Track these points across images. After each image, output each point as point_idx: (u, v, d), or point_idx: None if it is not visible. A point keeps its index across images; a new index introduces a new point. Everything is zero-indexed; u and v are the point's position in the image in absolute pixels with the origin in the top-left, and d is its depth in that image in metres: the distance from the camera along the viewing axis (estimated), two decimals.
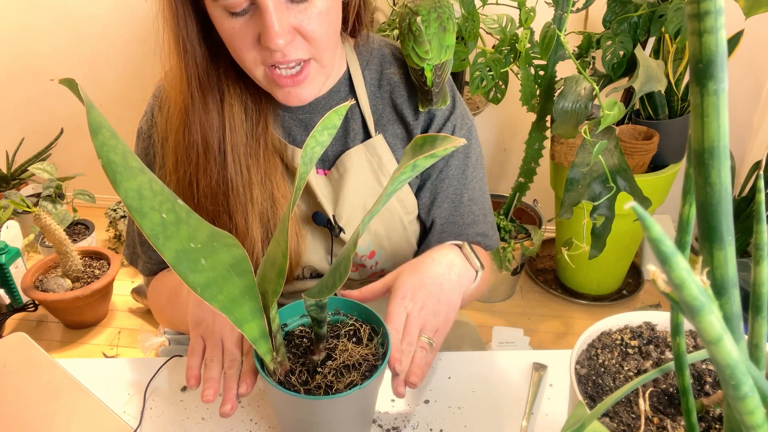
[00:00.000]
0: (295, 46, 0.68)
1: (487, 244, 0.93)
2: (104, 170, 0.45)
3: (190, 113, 0.75)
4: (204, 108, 0.75)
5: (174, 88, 0.76)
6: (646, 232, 0.21)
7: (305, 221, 0.84)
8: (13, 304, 1.94)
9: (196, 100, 0.75)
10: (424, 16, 0.79)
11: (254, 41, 0.68)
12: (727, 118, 0.25)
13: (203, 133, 0.76)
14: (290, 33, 0.67)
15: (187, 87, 0.74)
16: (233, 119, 0.76)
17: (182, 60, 0.72)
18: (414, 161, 0.47)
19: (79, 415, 0.69)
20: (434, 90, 0.81)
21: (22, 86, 2.39)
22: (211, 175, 0.77)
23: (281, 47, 0.66)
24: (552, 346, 1.88)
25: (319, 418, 0.58)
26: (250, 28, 0.67)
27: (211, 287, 0.51)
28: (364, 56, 0.84)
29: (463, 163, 0.87)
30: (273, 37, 0.65)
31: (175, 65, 0.74)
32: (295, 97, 0.73)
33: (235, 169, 0.77)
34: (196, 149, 0.76)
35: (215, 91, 0.75)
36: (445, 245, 0.77)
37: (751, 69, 1.91)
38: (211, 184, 0.77)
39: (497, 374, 0.76)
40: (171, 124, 0.78)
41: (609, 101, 1.17)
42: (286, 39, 0.66)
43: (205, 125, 0.75)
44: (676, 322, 0.37)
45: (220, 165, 0.77)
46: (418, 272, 0.71)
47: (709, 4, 0.23)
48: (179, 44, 0.71)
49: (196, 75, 0.73)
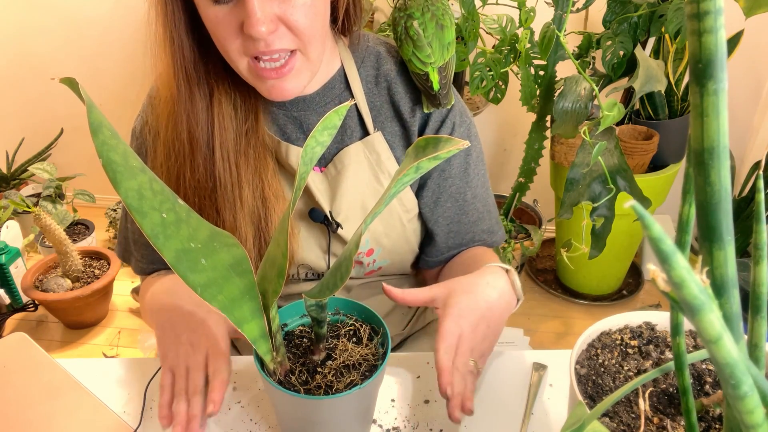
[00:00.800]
0: (279, 35, 0.68)
1: (493, 240, 0.93)
2: (105, 170, 0.45)
3: (177, 105, 0.75)
4: (191, 101, 0.75)
5: (164, 83, 0.77)
6: (646, 231, 0.21)
7: (300, 218, 0.83)
8: (13, 304, 1.94)
9: (182, 93, 0.74)
10: (419, 18, 0.78)
11: (238, 30, 0.67)
12: (726, 118, 0.25)
13: (189, 127, 0.76)
14: (273, 21, 0.67)
15: (175, 79, 0.74)
16: (222, 116, 0.76)
17: (170, 51, 0.73)
18: (417, 163, 0.47)
19: (79, 415, 0.69)
20: (442, 92, 0.80)
21: (22, 86, 2.39)
22: (197, 169, 0.77)
23: (263, 35, 0.65)
24: (552, 346, 1.88)
25: (319, 418, 0.58)
26: (233, 16, 0.67)
27: (211, 287, 0.51)
28: (359, 54, 0.84)
29: (465, 162, 0.86)
30: (255, 24, 0.64)
31: (165, 58, 0.74)
32: (278, 91, 0.72)
33: (224, 166, 0.77)
34: (182, 142, 0.76)
35: (203, 85, 0.75)
36: (494, 267, 0.75)
37: (751, 69, 1.92)
38: (197, 177, 0.77)
39: (497, 374, 0.76)
40: (161, 119, 0.78)
41: (609, 101, 1.17)
42: (269, 27, 0.66)
43: (192, 119, 0.75)
44: (675, 322, 0.37)
45: (207, 160, 0.77)
46: (473, 293, 0.69)
47: (709, 4, 0.23)
48: (168, 35, 0.72)
49: (183, 67, 0.73)
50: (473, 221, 0.89)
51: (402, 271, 0.94)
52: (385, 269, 0.90)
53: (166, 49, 0.73)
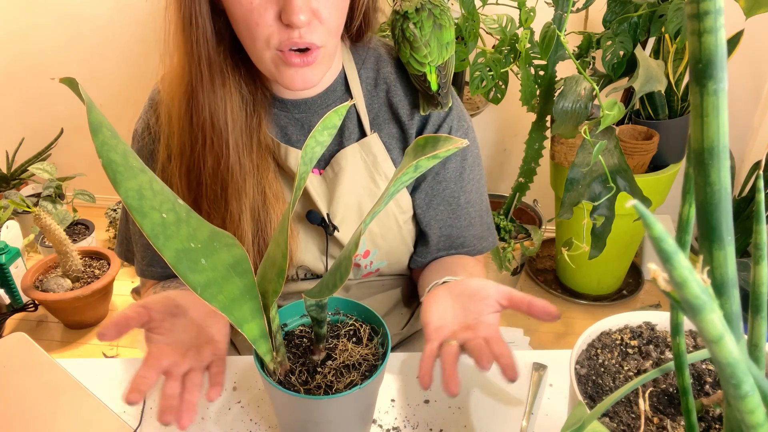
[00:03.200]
0: (312, 29, 0.68)
1: (483, 246, 0.93)
2: (105, 170, 0.45)
3: (198, 92, 0.74)
4: (212, 87, 0.74)
5: (177, 76, 0.76)
6: (648, 230, 0.21)
7: (298, 220, 0.83)
8: (13, 304, 1.94)
9: (204, 78, 0.74)
10: (415, 18, 0.77)
11: (272, 18, 0.67)
12: (726, 118, 0.25)
13: (211, 111, 0.75)
14: (310, 12, 0.67)
15: (197, 65, 0.73)
16: (233, 107, 0.76)
17: (192, 36, 0.71)
18: (416, 162, 0.47)
19: (79, 415, 0.69)
20: (441, 91, 0.80)
21: (22, 86, 2.39)
22: (217, 157, 0.76)
23: (302, 23, 0.66)
24: (552, 346, 1.88)
25: (319, 418, 0.58)
26: (270, 3, 0.67)
27: (211, 287, 0.51)
28: (360, 55, 0.84)
29: (460, 166, 0.86)
30: (296, 11, 0.65)
31: (182, 45, 0.73)
32: (301, 79, 0.72)
33: (234, 157, 0.77)
34: (203, 128, 0.75)
35: (221, 73, 0.75)
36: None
37: (751, 69, 1.92)
38: (216, 165, 0.77)
39: (497, 374, 0.76)
40: (174, 111, 0.77)
41: (609, 101, 1.17)
42: (307, 17, 0.66)
43: (213, 104, 0.75)
44: (676, 322, 0.37)
45: (225, 147, 0.76)
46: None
47: (709, 4, 0.23)
48: (189, 21, 0.71)
49: (207, 51, 0.73)
50: (465, 226, 0.89)
51: (399, 271, 0.94)
52: (382, 270, 0.90)
53: (186, 36, 0.72)
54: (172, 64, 0.75)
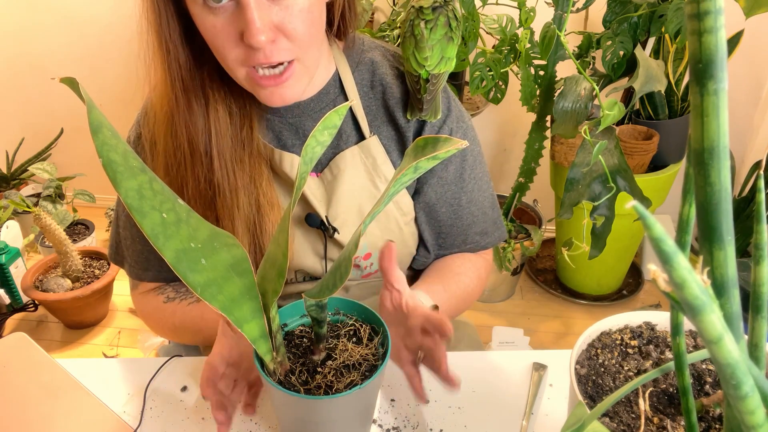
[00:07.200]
0: (278, 47, 0.68)
1: (486, 242, 0.93)
2: (105, 169, 0.45)
3: (175, 115, 0.75)
4: (188, 110, 0.75)
5: (159, 94, 0.76)
6: (648, 231, 0.21)
7: (296, 224, 0.83)
8: (13, 304, 1.94)
9: (180, 102, 0.74)
10: (429, 16, 0.77)
11: (237, 39, 0.67)
12: (726, 118, 0.25)
13: (189, 135, 0.75)
14: (272, 30, 0.66)
15: (171, 89, 0.73)
16: (218, 123, 0.76)
17: (165, 61, 0.72)
18: (416, 163, 0.47)
19: (79, 415, 0.69)
20: (426, 98, 0.80)
21: (22, 86, 2.39)
22: (198, 178, 0.77)
23: (263, 44, 0.65)
24: (552, 346, 1.88)
25: (319, 417, 0.58)
26: (232, 26, 0.66)
27: (211, 287, 0.51)
28: (354, 58, 0.84)
29: (461, 167, 0.86)
30: (255, 34, 0.64)
31: (159, 68, 0.73)
32: (278, 97, 0.72)
33: (222, 174, 0.77)
34: (182, 151, 0.76)
35: (199, 93, 0.75)
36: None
37: (751, 69, 1.92)
38: (199, 187, 0.77)
39: (497, 374, 0.76)
40: (158, 129, 0.78)
41: (609, 101, 1.17)
42: (268, 36, 0.66)
43: (190, 127, 0.75)
44: (676, 322, 0.37)
45: (207, 168, 0.77)
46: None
47: (709, 4, 0.23)
48: (162, 46, 0.71)
49: (180, 76, 0.73)
50: (467, 224, 0.89)
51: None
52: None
53: (161, 60, 0.72)
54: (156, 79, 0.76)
